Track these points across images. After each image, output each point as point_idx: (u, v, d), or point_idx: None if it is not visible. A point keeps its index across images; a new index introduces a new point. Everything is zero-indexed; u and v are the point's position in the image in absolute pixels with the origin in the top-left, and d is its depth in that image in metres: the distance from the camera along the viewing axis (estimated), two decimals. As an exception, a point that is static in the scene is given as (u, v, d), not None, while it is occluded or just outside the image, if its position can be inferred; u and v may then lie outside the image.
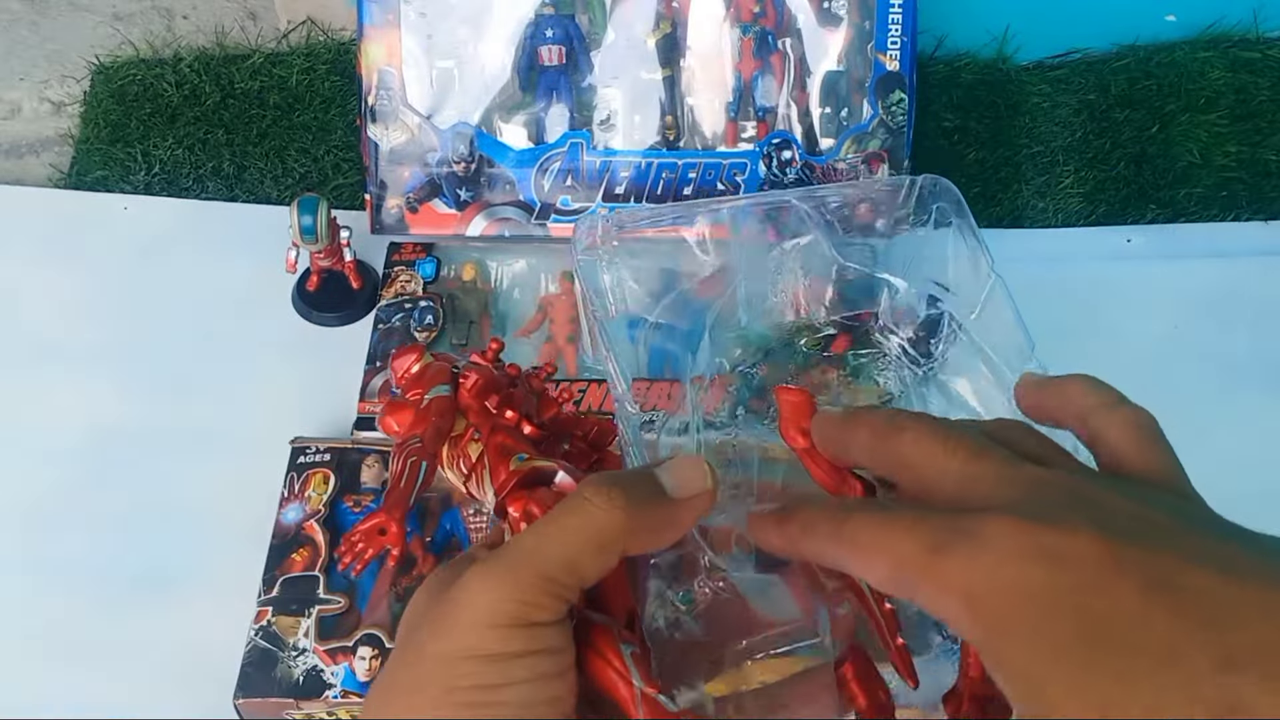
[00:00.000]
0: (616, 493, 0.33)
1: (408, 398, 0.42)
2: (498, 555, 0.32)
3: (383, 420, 0.42)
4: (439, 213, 0.88)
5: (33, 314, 0.86)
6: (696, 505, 0.34)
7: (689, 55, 0.87)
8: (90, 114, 0.99)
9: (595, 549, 0.32)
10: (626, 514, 0.32)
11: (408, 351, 0.43)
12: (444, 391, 0.41)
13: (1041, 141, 0.97)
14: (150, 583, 0.73)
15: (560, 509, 0.33)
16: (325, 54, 1.00)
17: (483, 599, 0.31)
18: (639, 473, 0.35)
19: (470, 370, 0.41)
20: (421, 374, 0.42)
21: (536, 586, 0.31)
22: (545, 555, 0.32)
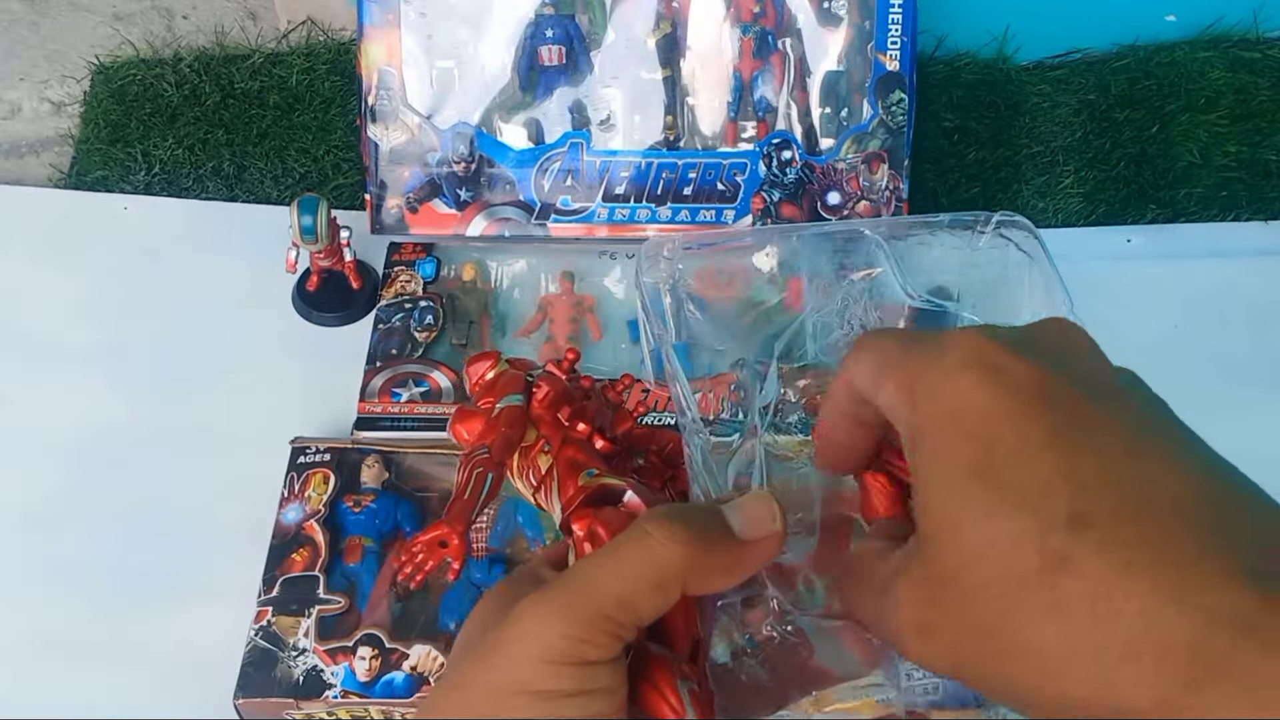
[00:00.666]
0: (679, 528, 0.31)
1: (479, 405, 0.41)
2: (555, 587, 0.31)
3: (453, 428, 0.41)
4: (439, 213, 0.88)
5: (33, 314, 0.86)
6: (765, 548, 0.33)
7: (689, 55, 0.87)
8: (90, 114, 0.99)
9: (653, 586, 0.31)
10: (689, 551, 0.31)
11: (483, 358, 0.42)
12: (516, 401, 0.40)
13: (1041, 141, 0.97)
14: (150, 583, 0.73)
15: (621, 540, 0.32)
16: (325, 54, 1.00)
17: (536, 633, 0.30)
18: (706, 509, 0.34)
19: (544, 380, 0.40)
20: (495, 382, 0.41)
21: (592, 624, 0.30)
22: (602, 591, 0.31)
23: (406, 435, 0.77)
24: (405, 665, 0.68)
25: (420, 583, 0.38)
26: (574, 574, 0.32)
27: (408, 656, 0.68)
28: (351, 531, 0.73)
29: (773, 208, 0.88)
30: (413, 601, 0.70)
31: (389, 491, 0.74)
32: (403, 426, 0.78)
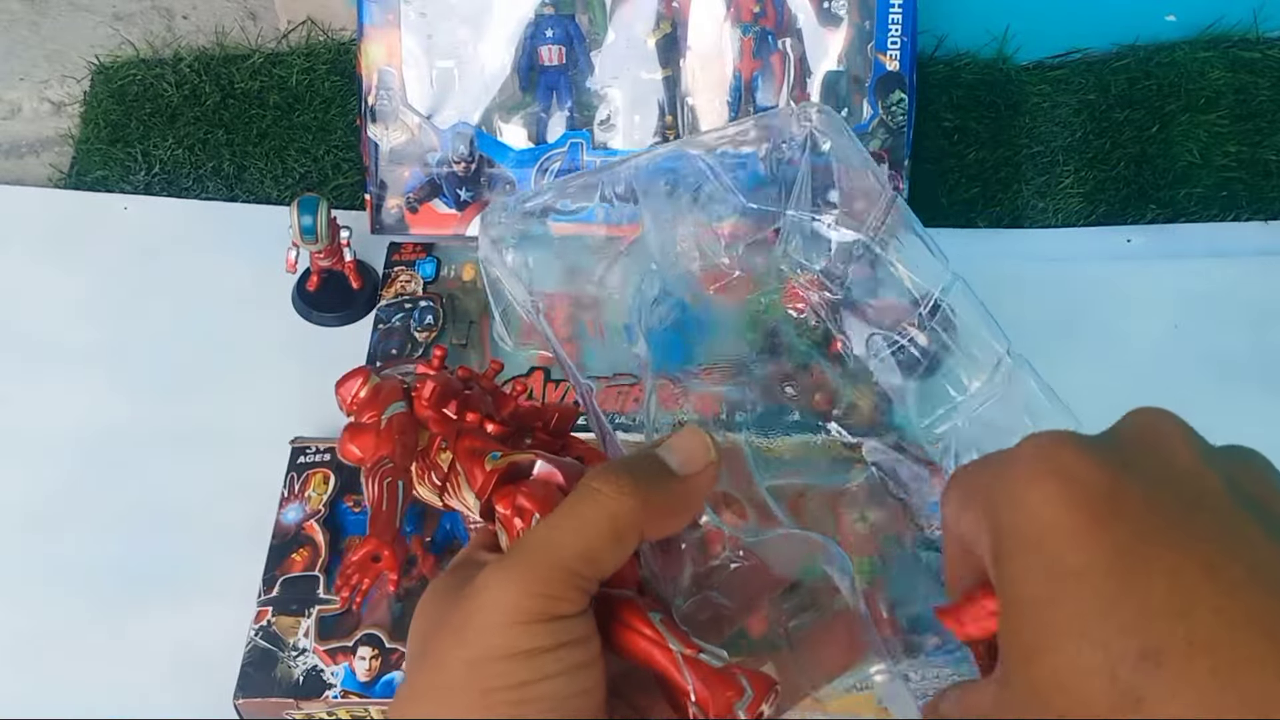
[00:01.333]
0: (625, 479, 0.32)
1: (364, 421, 0.41)
2: (514, 553, 0.32)
3: (344, 448, 0.41)
4: (439, 213, 0.88)
5: (33, 314, 0.86)
6: (705, 479, 0.34)
7: (689, 55, 0.87)
8: (90, 114, 0.99)
9: (612, 539, 0.32)
10: (638, 500, 0.32)
11: (352, 376, 0.42)
12: (401, 408, 0.40)
13: (1041, 141, 0.97)
14: (150, 582, 0.73)
15: (572, 501, 0.32)
16: (325, 54, 1.00)
17: (506, 598, 0.30)
18: (643, 455, 0.34)
19: (422, 381, 0.41)
20: (373, 395, 0.41)
21: (558, 579, 0.31)
22: (563, 547, 0.31)
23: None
24: (405, 665, 0.67)
25: (359, 603, 0.40)
26: (532, 539, 0.32)
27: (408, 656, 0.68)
28: (351, 531, 0.73)
29: (773, 208, 0.88)
30: (413, 601, 0.70)
31: (389, 491, 0.74)
32: (403, 426, 0.78)
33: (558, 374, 0.81)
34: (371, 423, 0.40)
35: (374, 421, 0.40)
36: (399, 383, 0.41)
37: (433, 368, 0.42)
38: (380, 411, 0.40)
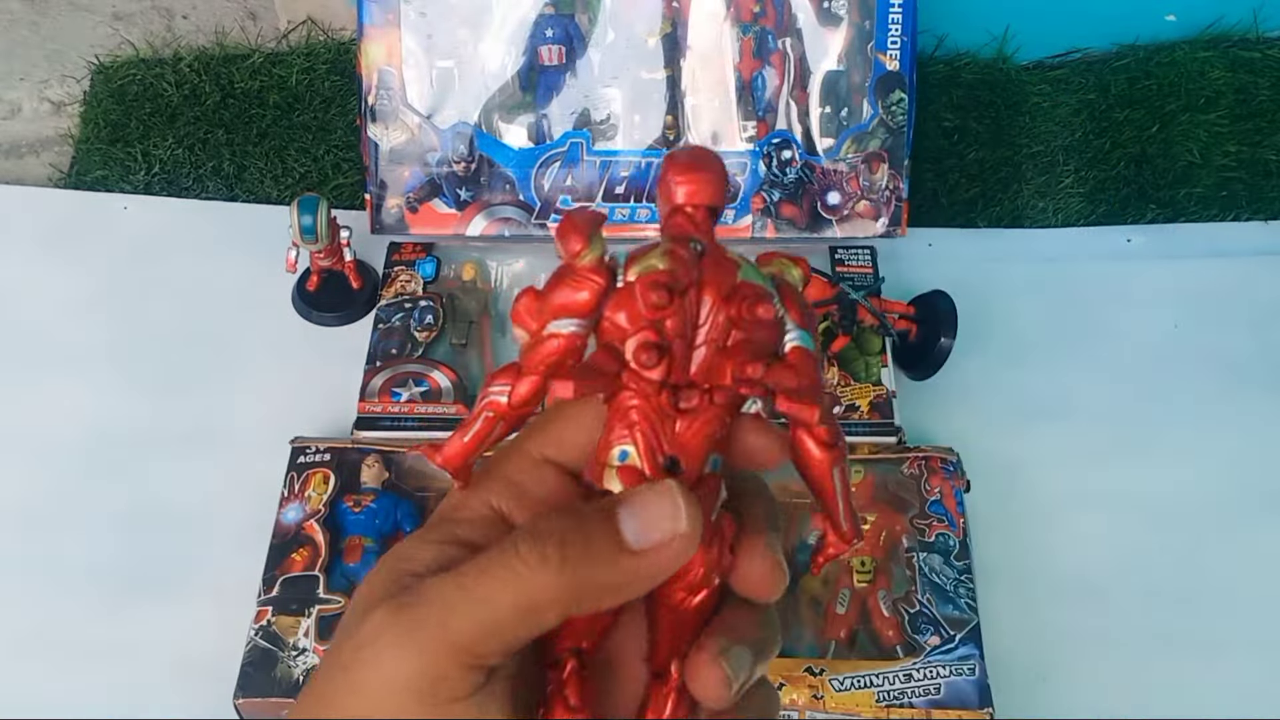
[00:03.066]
0: (553, 550, 0.27)
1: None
2: (408, 609, 0.27)
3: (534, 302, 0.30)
4: (439, 212, 0.88)
5: (32, 314, 0.86)
6: (666, 558, 0.28)
7: (689, 55, 0.87)
8: (90, 114, 0.99)
9: (521, 615, 0.27)
10: (563, 576, 0.27)
11: (577, 231, 0.29)
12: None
13: (1042, 141, 0.97)
14: (150, 582, 0.73)
15: (487, 560, 0.27)
16: (325, 54, 1.00)
17: (390, 663, 0.26)
18: (591, 514, 0.28)
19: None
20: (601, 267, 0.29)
21: (445, 658, 0.26)
22: (459, 621, 0.26)
23: (406, 435, 0.77)
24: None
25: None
26: (432, 594, 0.27)
27: (408, 656, 0.68)
28: (351, 531, 0.73)
29: (772, 207, 0.88)
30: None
31: (389, 491, 0.74)
32: (403, 426, 0.78)
33: (558, 374, 0.81)
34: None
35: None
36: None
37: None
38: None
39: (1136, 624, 0.73)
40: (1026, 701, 0.70)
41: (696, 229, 0.30)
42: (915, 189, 0.90)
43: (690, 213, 0.30)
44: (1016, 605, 0.73)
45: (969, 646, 0.68)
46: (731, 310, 0.29)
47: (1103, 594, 0.75)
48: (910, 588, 0.70)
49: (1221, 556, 0.76)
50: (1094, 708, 0.69)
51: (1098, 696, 0.70)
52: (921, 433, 0.79)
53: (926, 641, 0.69)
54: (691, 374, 0.29)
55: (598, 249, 0.29)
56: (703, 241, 0.29)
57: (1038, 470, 0.79)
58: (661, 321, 0.28)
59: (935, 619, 0.69)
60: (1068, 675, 0.71)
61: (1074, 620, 0.73)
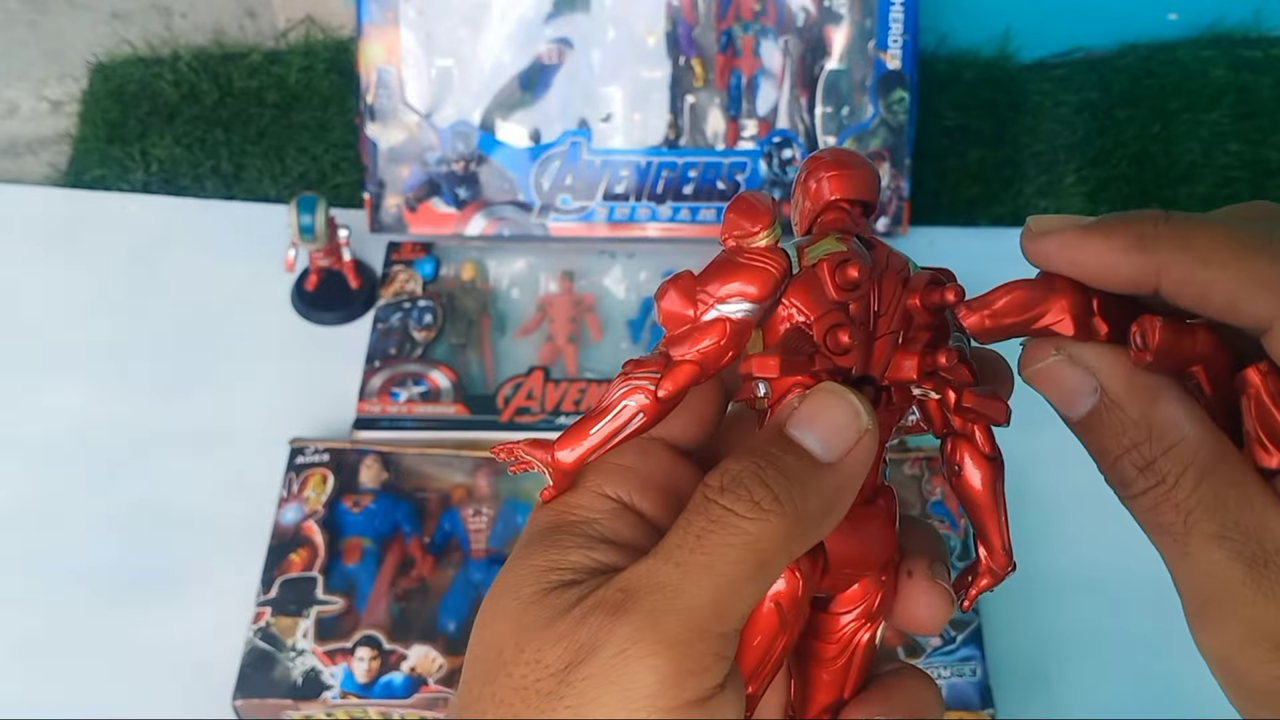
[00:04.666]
0: (761, 493, 0.24)
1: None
2: (628, 604, 0.24)
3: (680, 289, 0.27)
4: (438, 212, 0.88)
5: (31, 313, 0.86)
6: (860, 462, 0.26)
7: (689, 53, 0.86)
8: (88, 113, 0.98)
9: (754, 573, 0.24)
10: (783, 520, 0.24)
11: (757, 214, 0.27)
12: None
13: (1043, 140, 0.97)
14: (149, 583, 0.73)
15: (687, 528, 0.25)
16: (324, 52, 1.00)
17: (629, 672, 0.23)
18: (771, 442, 0.26)
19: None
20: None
21: (696, 644, 0.24)
22: (692, 599, 0.24)
23: (405, 435, 0.77)
24: (404, 666, 0.67)
25: (516, 469, 0.28)
26: (647, 581, 0.24)
27: (406, 657, 0.68)
28: (350, 532, 0.72)
29: (773, 207, 0.88)
30: (411, 602, 0.70)
31: (388, 492, 0.74)
32: (402, 426, 0.78)
33: (558, 374, 0.81)
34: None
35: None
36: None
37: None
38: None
39: (1137, 624, 0.73)
40: (1027, 702, 0.69)
41: (855, 223, 0.28)
42: (917, 188, 0.90)
43: (847, 208, 0.28)
44: (1018, 606, 0.73)
45: (970, 647, 0.68)
46: (912, 299, 0.28)
47: (1103, 594, 0.74)
48: (911, 588, 0.70)
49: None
50: (1095, 708, 0.69)
51: (1098, 696, 0.70)
52: (922, 433, 0.79)
53: (927, 642, 0.68)
54: (870, 368, 0.27)
55: (777, 231, 0.27)
56: (863, 234, 0.28)
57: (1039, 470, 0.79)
58: (847, 306, 0.27)
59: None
60: (1069, 676, 0.71)
61: (1075, 621, 0.73)
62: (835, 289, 0.27)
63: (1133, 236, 0.27)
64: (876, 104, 0.87)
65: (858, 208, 0.29)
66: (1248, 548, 0.25)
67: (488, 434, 0.77)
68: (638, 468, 0.28)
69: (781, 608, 0.26)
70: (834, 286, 0.27)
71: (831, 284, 0.27)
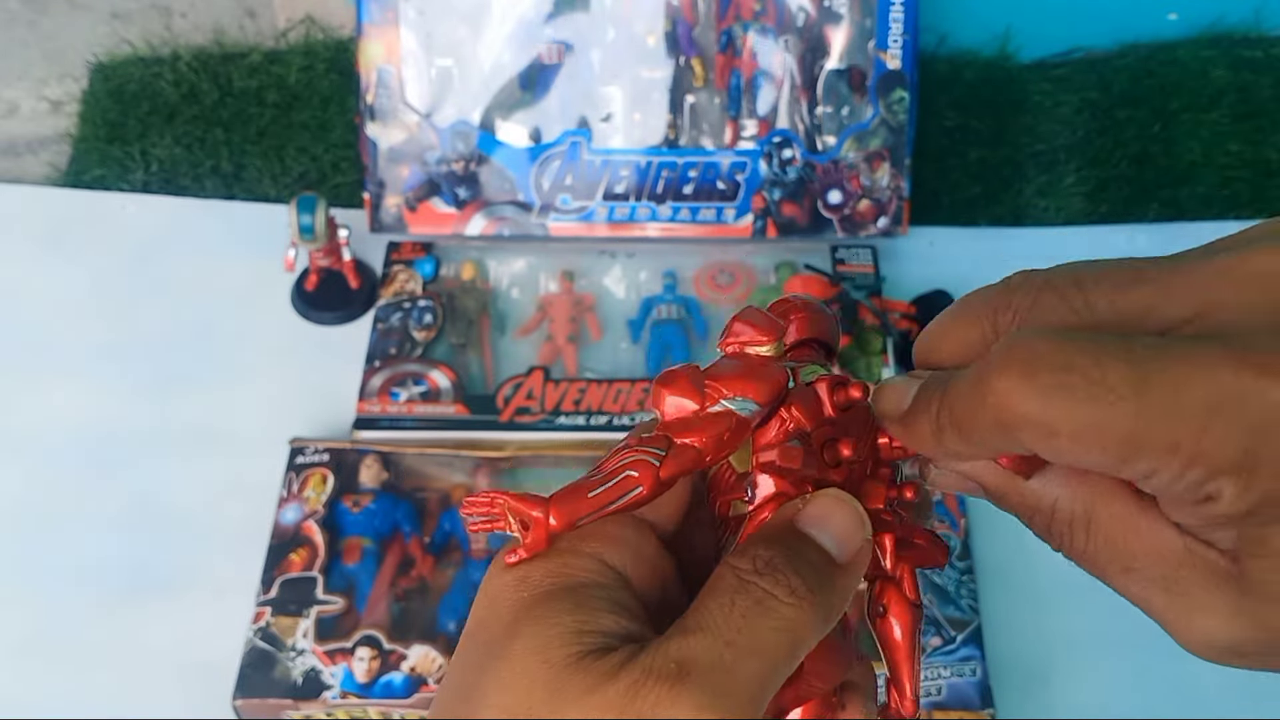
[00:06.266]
0: (797, 582, 0.25)
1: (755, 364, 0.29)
2: (685, 679, 0.24)
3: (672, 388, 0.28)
4: (438, 211, 0.88)
5: (30, 313, 0.86)
6: (863, 565, 0.27)
7: (689, 53, 0.86)
8: (88, 113, 0.98)
9: (789, 656, 0.25)
10: (814, 609, 0.25)
11: (768, 327, 0.29)
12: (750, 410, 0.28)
13: (1044, 140, 0.97)
14: (149, 583, 0.73)
15: (728, 609, 0.25)
16: (324, 52, 1.00)
17: None
18: (793, 536, 0.26)
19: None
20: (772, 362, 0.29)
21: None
22: (743, 680, 0.24)
23: (405, 435, 0.77)
24: (404, 666, 0.67)
25: (477, 529, 0.28)
26: (705, 659, 0.24)
27: (406, 657, 0.68)
28: (350, 532, 0.72)
29: (773, 206, 0.88)
30: (411, 602, 0.70)
31: (388, 492, 0.74)
32: (402, 426, 0.78)
33: (558, 374, 0.81)
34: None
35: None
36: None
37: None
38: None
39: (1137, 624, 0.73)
40: (1028, 702, 0.69)
41: (821, 360, 0.30)
42: (917, 188, 0.90)
43: (814, 346, 0.30)
44: (1018, 606, 0.73)
45: (970, 647, 0.68)
46: (881, 436, 0.29)
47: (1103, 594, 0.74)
48: (911, 588, 0.70)
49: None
50: (1095, 708, 0.69)
51: (1098, 696, 0.70)
52: (922, 433, 0.79)
53: (928, 642, 0.68)
54: None
55: (780, 348, 0.29)
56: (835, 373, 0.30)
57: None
58: (838, 425, 0.28)
59: (937, 620, 0.69)
60: (1069, 675, 0.71)
61: (1075, 621, 0.73)
62: (833, 407, 0.28)
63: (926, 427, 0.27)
64: (876, 104, 0.87)
65: (822, 349, 0.31)
66: None
67: (488, 434, 0.77)
68: (633, 542, 0.28)
69: None
70: (831, 405, 0.28)
71: (830, 402, 0.28)
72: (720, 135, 0.87)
